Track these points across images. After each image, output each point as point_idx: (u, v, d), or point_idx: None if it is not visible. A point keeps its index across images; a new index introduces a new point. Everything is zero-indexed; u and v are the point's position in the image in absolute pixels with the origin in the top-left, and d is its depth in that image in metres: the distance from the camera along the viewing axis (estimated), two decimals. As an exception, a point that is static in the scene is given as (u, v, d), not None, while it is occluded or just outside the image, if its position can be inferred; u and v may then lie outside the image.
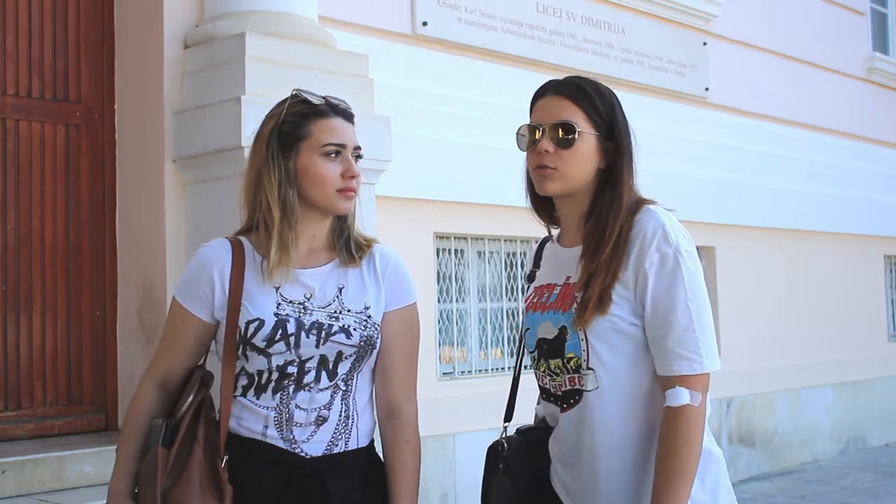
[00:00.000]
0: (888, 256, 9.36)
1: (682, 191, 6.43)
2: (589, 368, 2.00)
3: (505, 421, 2.30)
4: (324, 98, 2.20)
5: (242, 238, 2.21)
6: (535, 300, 2.17)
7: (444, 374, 5.65)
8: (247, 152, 2.25)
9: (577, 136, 2.04)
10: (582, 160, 2.05)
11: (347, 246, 2.21)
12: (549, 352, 2.08)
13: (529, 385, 2.27)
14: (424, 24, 5.65)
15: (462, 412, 5.41)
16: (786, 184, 7.95)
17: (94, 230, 4.49)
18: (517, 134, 2.13)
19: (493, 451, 2.23)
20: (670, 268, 1.97)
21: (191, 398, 2.18)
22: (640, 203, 2.07)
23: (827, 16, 8.88)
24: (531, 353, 2.16)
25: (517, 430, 2.25)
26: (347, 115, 2.22)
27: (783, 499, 6.16)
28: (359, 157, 2.20)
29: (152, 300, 4.31)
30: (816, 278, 8.32)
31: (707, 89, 7.50)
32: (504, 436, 2.23)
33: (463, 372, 5.79)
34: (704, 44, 7.54)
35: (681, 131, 6.85)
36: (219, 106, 4.12)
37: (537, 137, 2.07)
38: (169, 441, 2.13)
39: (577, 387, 2.02)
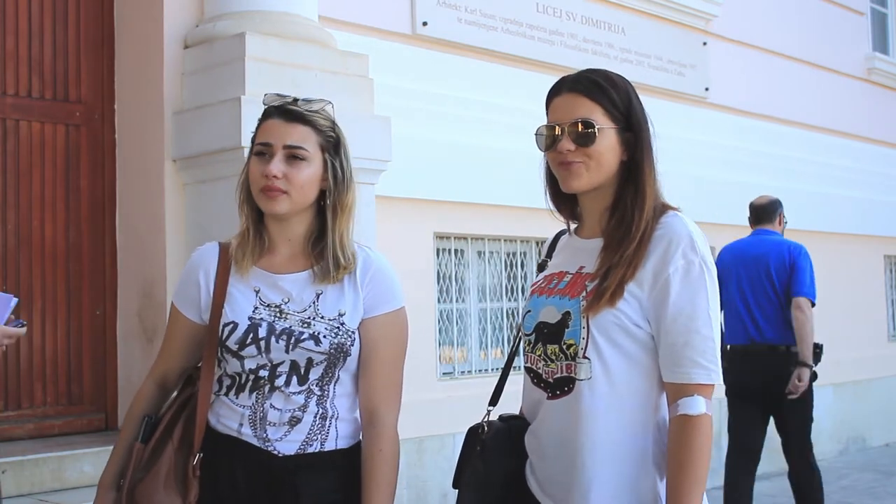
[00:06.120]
0: (888, 256, 9.36)
1: (682, 190, 6.39)
2: (585, 357, 2.00)
3: (490, 404, 2.29)
4: (293, 99, 2.17)
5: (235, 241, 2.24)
6: (541, 285, 2.18)
7: (444, 374, 5.65)
8: (247, 152, 2.27)
9: (596, 132, 2.04)
10: (604, 156, 2.05)
11: (323, 258, 2.16)
12: (549, 336, 2.07)
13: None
14: (424, 24, 5.65)
15: (462, 412, 5.36)
16: (786, 184, 7.93)
17: (94, 230, 4.49)
18: (536, 134, 2.12)
19: (472, 434, 2.23)
20: (695, 276, 1.97)
21: (174, 396, 2.25)
22: (666, 207, 2.08)
23: (827, 16, 8.88)
24: (527, 335, 2.15)
25: (500, 416, 2.24)
26: (292, 115, 2.15)
27: (783, 499, 6.15)
28: (294, 156, 2.12)
29: (152, 300, 4.31)
30: (816, 278, 8.30)
31: (707, 89, 7.50)
32: (486, 419, 2.22)
33: (463, 372, 5.79)
34: (704, 44, 7.55)
35: (681, 131, 6.85)
36: (219, 106, 4.12)
37: (557, 136, 2.06)
38: (147, 437, 2.18)
39: (572, 374, 2.02)
